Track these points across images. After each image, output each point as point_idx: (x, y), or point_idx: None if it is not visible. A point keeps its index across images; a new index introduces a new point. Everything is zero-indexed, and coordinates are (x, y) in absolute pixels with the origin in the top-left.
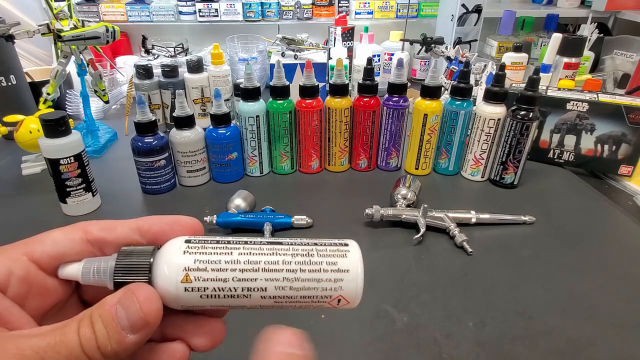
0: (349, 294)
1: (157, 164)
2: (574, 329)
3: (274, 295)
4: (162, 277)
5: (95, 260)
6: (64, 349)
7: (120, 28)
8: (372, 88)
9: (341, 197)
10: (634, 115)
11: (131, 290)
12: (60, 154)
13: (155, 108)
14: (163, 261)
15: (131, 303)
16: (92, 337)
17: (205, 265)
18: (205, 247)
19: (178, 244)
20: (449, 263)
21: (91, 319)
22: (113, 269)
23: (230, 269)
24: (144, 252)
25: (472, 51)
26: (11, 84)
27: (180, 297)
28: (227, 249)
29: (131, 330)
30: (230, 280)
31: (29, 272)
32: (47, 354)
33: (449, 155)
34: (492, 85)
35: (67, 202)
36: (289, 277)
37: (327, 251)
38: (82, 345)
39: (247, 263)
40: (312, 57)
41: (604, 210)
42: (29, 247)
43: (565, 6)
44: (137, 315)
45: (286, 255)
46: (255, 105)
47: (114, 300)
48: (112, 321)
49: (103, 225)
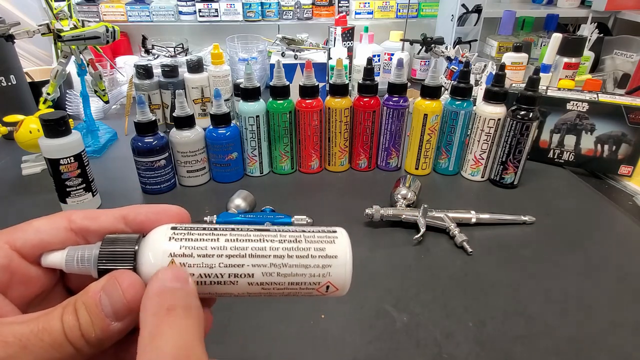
0: (337, 280)
1: (157, 164)
2: (574, 329)
3: (261, 281)
4: (147, 264)
5: (79, 249)
6: (47, 336)
7: (120, 28)
8: (372, 88)
9: (341, 197)
10: (634, 115)
11: (114, 277)
12: (60, 154)
13: (155, 108)
14: (148, 248)
15: (114, 290)
16: (75, 325)
17: (191, 251)
18: (191, 233)
19: (164, 230)
20: (449, 263)
21: (75, 306)
22: (97, 256)
23: (217, 254)
24: (129, 239)
25: (472, 51)
26: (11, 84)
27: None
28: (213, 235)
29: (115, 317)
30: (216, 266)
31: (11, 260)
32: (30, 341)
33: (449, 155)
34: (492, 85)
35: (67, 202)
36: (276, 262)
37: (315, 237)
38: (65, 333)
39: (234, 249)
40: (312, 57)
41: (604, 210)
42: (10, 235)
43: (565, 6)
44: (120, 302)
45: (273, 241)
46: (255, 105)
47: (97, 288)
48: (96, 308)
49: (87, 213)
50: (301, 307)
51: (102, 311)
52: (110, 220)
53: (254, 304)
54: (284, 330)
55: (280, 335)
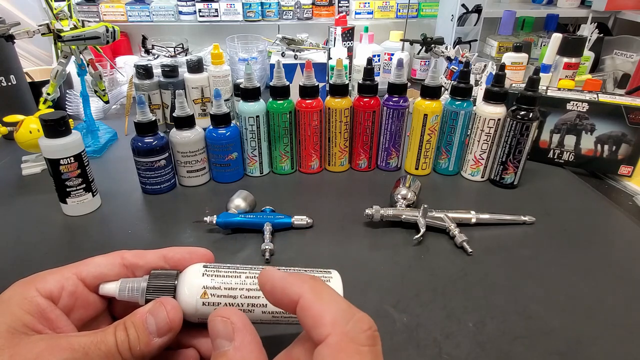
0: None
1: (157, 164)
2: (574, 329)
3: (272, 310)
4: (184, 294)
5: (129, 281)
6: (104, 346)
7: (120, 28)
8: (372, 88)
9: (341, 197)
10: (634, 115)
11: (160, 302)
12: (60, 154)
13: (155, 108)
14: (186, 281)
15: (160, 312)
16: (125, 339)
17: (219, 284)
18: (219, 270)
19: (198, 268)
20: (449, 263)
21: (125, 325)
22: (145, 288)
23: (239, 288)
24: (170, 275)
25: (472, 51)
26: (11, 84)
27: (199, 310)
28: (236, 273)
29: (157, 334)
30: (238, 297)
31: (77, 288)
32: (90, 349)
33: (449, 156)
34: (492, 85)
35: (67, 202)
36: None
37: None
38: (117, 345)
39: (252, 284)
40: (312, 57)
41: (604, 210)
42: (77, 268)
43: (565, 6)
44: (164, 321)
45: None
46: (255, 105)
47: (145, 310)
48: (142, 326)
49: (136, 253)
50: None
51: (147, 329)
52: (153, 259)
53: None
54: (284, 330)
55: (280, 336)
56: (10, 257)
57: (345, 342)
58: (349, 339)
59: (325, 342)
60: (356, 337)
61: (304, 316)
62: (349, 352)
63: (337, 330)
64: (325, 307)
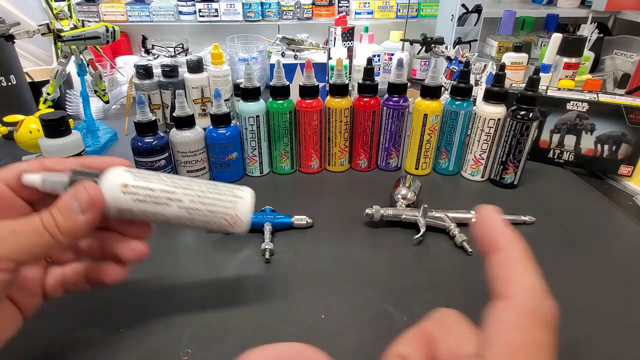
0: (242, 213)
1: (157, 164)
2: (574, 329)
3: (187, 206)
4: (105, 182)
5: (52, 174)
6: (30, 224)
7: (120, 28)
8: (372, 88)
9: (341, 197)
10: (634, 115)
11: (80, 184)
12: (60, 154)
13: (155, 108)
14: (108, 174)
15: (80, 191)
16: (50, 219)
17: (139, 178)
18: (140, 171)
19: (120, 169)
20: (449, 263)
21: (50, 210)
22: (67, 182)
23: (157, 182)
24: (91, 172)
25: (472, 51)
26: (11, 84)
27: (118, 199)
28: (156, 174)
29: (82, 210)
30: (157, 190)
31: (2, 191)
32: (16, 228)
33: (449, 155)
34: (492, 85)
35: None
36: (200, 194)
37: (229, 186)
38: (43, 224)
39: (170, 181)
40: (312, 57)
41: (604, 210)
42: (1, 173)
43: (565, 6)
44: (85, 198)
45: (199, 183)
46: (255, 105)
47: (67, 195)
48: (66, 207)
49: (55, 160)
50: (301, 307)
51: (71, 208)
52: (73, 164)
53: (253, 304)
54: (284, 330)
55: (280, 335)
56: None
57: (531, 310)
58: (535, 311)
59: (509, 302)
60: (543, 313)
61: (499, 267)
62: (530, 320)
63: (528, 297)
64: (525, 272)
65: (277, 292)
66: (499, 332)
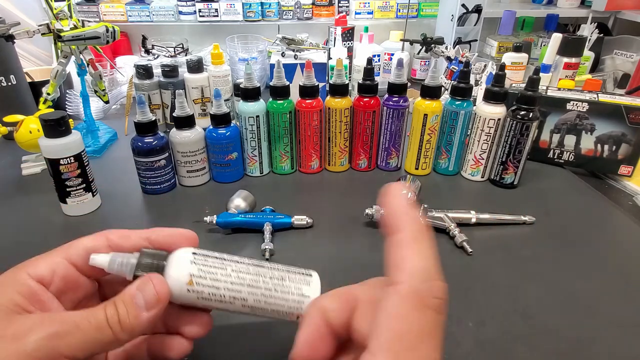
0: None
1: (157, 164)
2: (574, 329)
3: (252, 305)
4: (172, 276)
5: (120, 255)
6: (94, 320)
7: (120, 28)
8: (372, 88)
9: (341, 197)
10: (634, 115)
11: (148, 277)
12: (60, 154)
13: (155, 108)
14: (174, 265)
15: (147, 286)
16: (115, 314)
17: (205, 274)
18: (207, 259)
19: (187, 254)
20: (449, 263)
21: (115, 302)
22: (134, 265)
23: (224, 280)
24: (160, 255)
25: (472, 51)
26: (11, 84)
27: (183, 295)
28: (223, 264)
29: (146, 307)
30: (222, 289)
31: (67, 272)
32: (81, 322)
33: (449, 155)
34: (492, 85)
35: (67, 202)
36: (265, 294)
37: (296, 279)
38: (107, 319)
39: (237, 278)
40: (312, 57)
41: (604, 210)
42: (66, 251)
43: (565, 6)
44: (152, 294)
45: (265, 277)
46: (255, 105)
47: (133, 287)
48: (131, 301)
49: (121, 233)
50: None
51: (136, 303)
52: (137, 240)
53: None
54: (284, 330)
55: (280, 334)
56: (10, 257)
57: (412, 296)
58: (418, 296)
59: (395, 288)
60: (425, 297)
61: (392, 251)
62: (413, 306)
63: (411, 282)
64: (415, 255)
65: None
66: (382, 321)
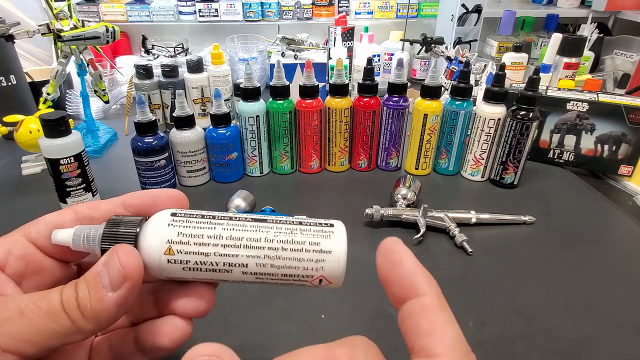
0: (330, 274)
1: (157, 164)
2: (574, 329)
3: (254, 271)
4: (146, 247)
5: (85, 228)
6: (45, 304)
7: (120, 28)
8: (372, 88)
9: (341, 197)
10: (634, 115)
11: (113, 249)
12: (60, 154)
13: (155, 108)
14: (148, 232)
15: (112, 260)
16: (72, 296)
17: (188, 238)
18: (189, 220)
19: (164, 216)
20: (449, 263)
21: (76, 282)
22: (101, 236)
23: (213, 243)
24: (131, 222)
25: (472, 51)
26: (11, 84)
27: (164, 268)
28: (210, 224)
29: (111, 286)
30: (212, 255)
31: (26, 251)
32: (28, 307)
33: (449, 155)
34: (492, 85)
35: (67, 202)
36: (270, 254)
37: (311, 231)
38: (62, 302)
39: (230, 239)
40: (312, 57)
41: (604, 210)
42: (26, 229)
43: (565, 6)
44: (115, 269)
45: (269, 232)
46: (255, 105)
47: (99, 263)
48: (94, 279)
49: (90, 204)
50: (301, 306)
51: (99, 282)
52: (110, 207)
53: (253, 303)
54: (284, 330)
55: (280, 335)
56: None
57: None
58: None
59: None
60: None
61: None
62: None
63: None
64: (448, 324)
65: (277, 291)
66: None
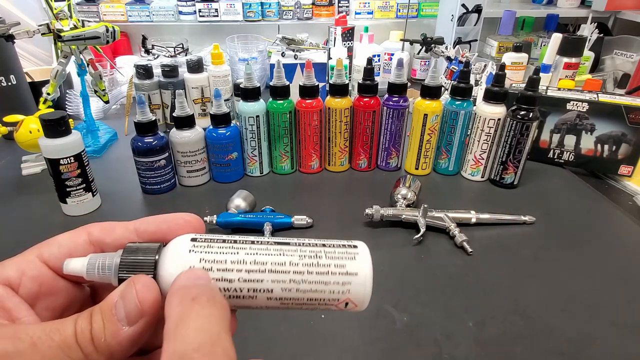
0: (357, 297)
1: (157, 164)
2: (574, 329)
3: (280, 296)
4: (166, 276)
5: (100, 256)
6: (58, 336)
7: (120, 28)
8: (372, 88)
9: (341, 197)
10: (634, 115)
11: (131, 281)
12: (60, 154)
13: (155, 108)
14: (168, 259)
15: (130, 293)
16: (87, 328)
17: (210, 265)
18: (211, 246)
19: (184, 242)
20: (449, 263)
21: (91, 312)
22: (118, 265)
23: (237, 269)
24: (150, 249)
25: (472, 51)
26: (11, 84)
27: None
28: (233, 249)
29: (127, 320)
30: (235, 281)
31: (40, 272)
32: (40, 339)
33: (449, 155)
34: (492, 85)
35: (67, 202)
36: (295, 279)
37: (336, 253)
38: (76, 335)
39: (254, 264)
40: (312, 57)
41: (604, 210)
42: (39, 249)
43: (565, 6)
44: (133, 304)
45: (293, 256)
46: (255, 105)
47: (115, 294)
48: (110, 312)
49: (103, 226)
50: None
51: (115, 315)
52: (123, 233)
53: None
54: (284, 330)
55: (280, 335)
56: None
57: None
58: None
59: None
60: None
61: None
62: None
63: None
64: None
65: None
66: None
